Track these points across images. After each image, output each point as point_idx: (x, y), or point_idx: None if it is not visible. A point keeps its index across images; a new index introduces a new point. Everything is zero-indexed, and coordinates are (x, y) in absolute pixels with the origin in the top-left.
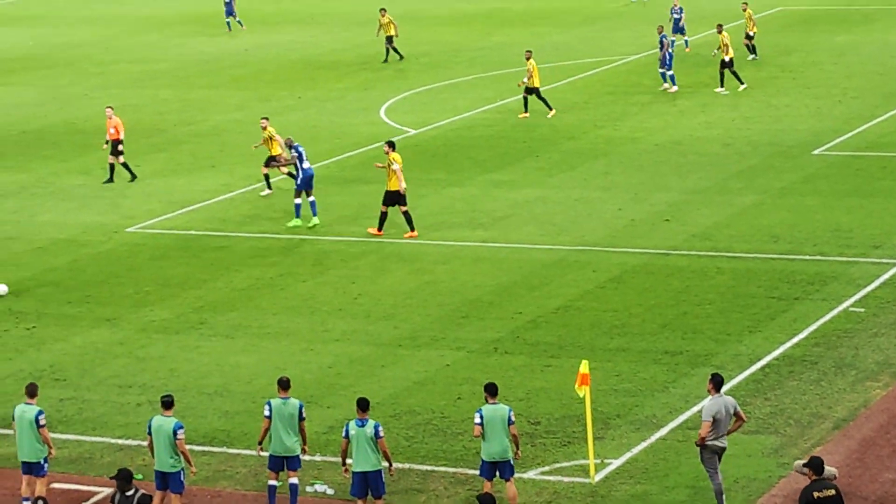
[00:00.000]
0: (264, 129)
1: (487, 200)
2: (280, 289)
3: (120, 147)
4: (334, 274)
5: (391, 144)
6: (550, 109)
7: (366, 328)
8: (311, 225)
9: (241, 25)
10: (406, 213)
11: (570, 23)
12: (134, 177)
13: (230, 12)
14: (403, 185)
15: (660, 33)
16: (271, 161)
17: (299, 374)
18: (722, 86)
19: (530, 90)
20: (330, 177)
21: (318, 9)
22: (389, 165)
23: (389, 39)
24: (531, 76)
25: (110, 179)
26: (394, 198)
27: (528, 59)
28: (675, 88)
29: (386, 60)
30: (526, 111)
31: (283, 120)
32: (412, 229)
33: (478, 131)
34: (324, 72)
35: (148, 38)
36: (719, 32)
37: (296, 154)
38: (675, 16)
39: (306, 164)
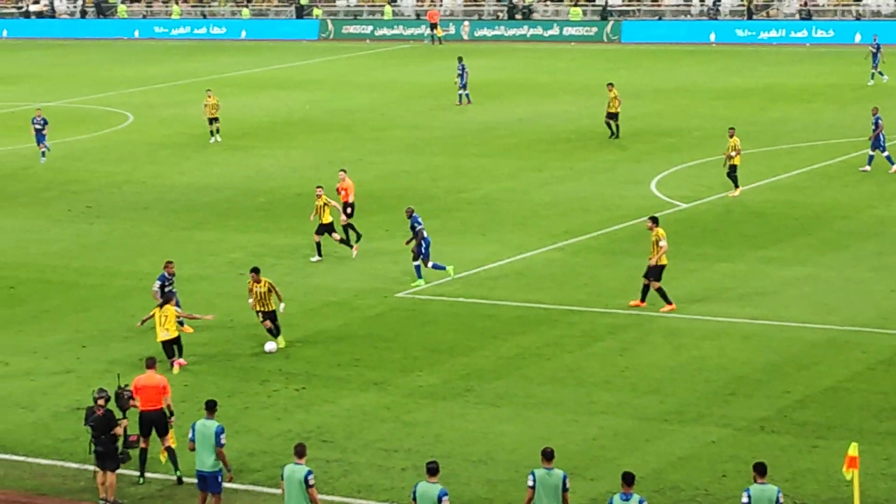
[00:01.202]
0: (319, 196)
1: (757, 277)
2: (547, 359)
3: (349, 210)
4: (602, 346)
5: (654, 220)
6: (736, 188)
7: (632, 401)
8: (452, 277)
9: (469, 101)
10: (644, 288)
11: (846, 100)
12: (354, 238)
13: (463, 85)
14: (655, 260)
15: (874, 115)
16: (322, 228)
17: (563, 444)
18: None
19: (733, 167)
20: (599, 248)
21: (591, 80)
22: (657, 242)
23: (612, 115)
24: (736, 153)
25: (355, 238)
26: (658, 273)
27: (731, 136)
28: (895, 168)
29: (616, 136)
30: (737, 187)
31: (554, 190)
32: (642, 300)
33: (749, 207)
34: (596, 143)
35: (423, 104)
36: None
37: (417, 225)
38: None
39: (426, 233)
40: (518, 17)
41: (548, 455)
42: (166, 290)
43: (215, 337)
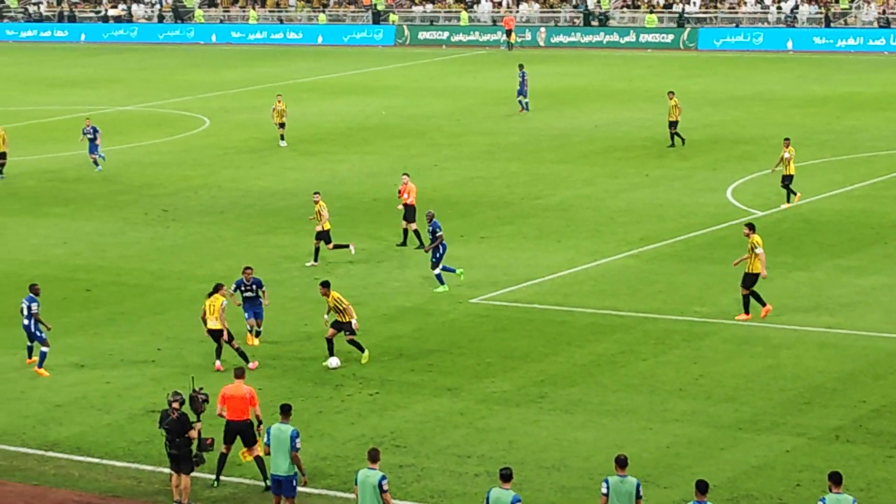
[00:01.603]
0: (316, 202)
1: (834, 286)
2: (621, 366)
3: (407, 212)
4: (676, 353)
5: (751, 227)
6: (795, 194)
7: (706, 409)
8: (439, 291)
9: (527, 108)
10: (753, 294)
11: None
12: (416, 243)
13: (521, 92)
14: (762, 268)
15: None
16: (325, 236)
17: (637, 452)
18: None
19: (788, 177)
20: (675, 255)
21: (667, 87)
22: (752, 249)
23: (672, 124)
24: (787, 163)
25: (403, 243)
26: (752, 280)
27: (786, 146)
28: None
29: (672, 145)
30: (796, 193)
31: (630, 197)
32: (745, 312)
33: (826, 216)
34: (672, 151)
35: (499, 110)
36: None
37: (438, 231)
38: None
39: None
40: (594, 23)
41: (621, 462)
42: (244, 294)
43: (289, 341)
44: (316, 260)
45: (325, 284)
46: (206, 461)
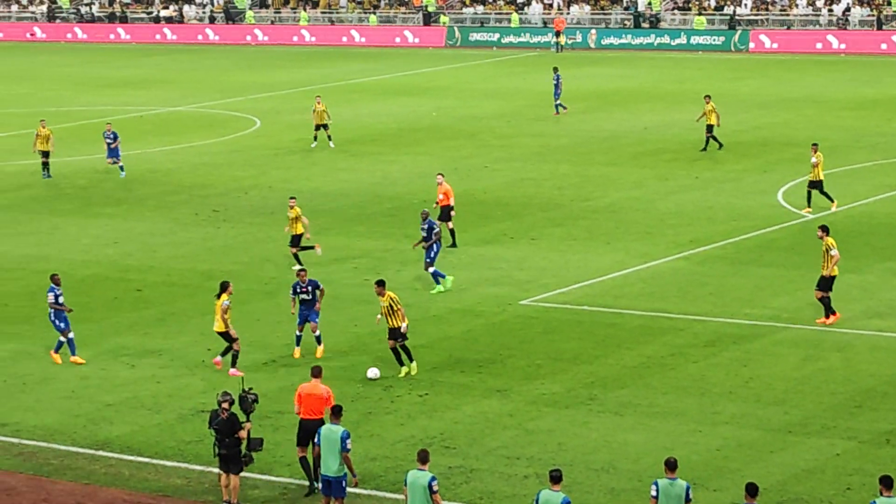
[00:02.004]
0: (291, 208)
1: (885, 289)
2: (671, 368)
3: (451, 213)
4: (726, 356)
5: (824, 229)
6: (832, 201)
7: (756, 412)
8: (443, 289)
9: (564, 108)
10: (824, 300)
11: None
12: (454, 245)
13: (557, 96)
14: (829, 270)
15: None
16: (296, 240)
17: (686, 454)
18: None
19: (814, 184)
20: (725, 257)
21: (718, 89)
22: (827, 251)
23: (709, 128)
24: (815, 168)
25: (453, 244)
26: (828, 283)
27: (814, 151)
28: None
29: (721, 147)
30: (809, 206)
31: (680, 199)
32: (826, 316)
33: (877, 218)
34: (722, 153)
35: (549, 112)
36: None
37: (433, 229)
38: None
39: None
40: (645, 25)
41: (671, 465)
42: (301, 297)
43: (339, 342)
44: (305, 250)
45: (381, 283)
46: (255, 461)
